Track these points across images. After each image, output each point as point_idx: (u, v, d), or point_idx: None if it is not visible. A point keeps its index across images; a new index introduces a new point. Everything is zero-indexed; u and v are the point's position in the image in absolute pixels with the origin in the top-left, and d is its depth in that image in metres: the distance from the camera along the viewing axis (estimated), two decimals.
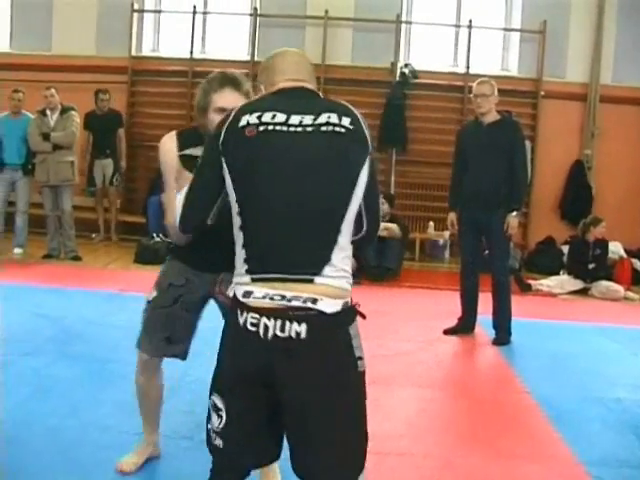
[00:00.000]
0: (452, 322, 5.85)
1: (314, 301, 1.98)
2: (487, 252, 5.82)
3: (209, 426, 2.14)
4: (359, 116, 2.16)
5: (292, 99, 2.17)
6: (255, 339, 1.99)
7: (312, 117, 2.10)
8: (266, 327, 1.97)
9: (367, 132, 2.15)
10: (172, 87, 10.27)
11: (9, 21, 10.52)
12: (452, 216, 5.94)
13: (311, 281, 1.99)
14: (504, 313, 5.66)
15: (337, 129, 2.08)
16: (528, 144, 9.01)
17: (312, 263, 2.02)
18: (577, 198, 9.90)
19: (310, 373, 2.00)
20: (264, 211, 2.04)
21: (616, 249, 8.86)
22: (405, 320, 6.17)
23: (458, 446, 3.65)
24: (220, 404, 2.07)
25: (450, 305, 6.14)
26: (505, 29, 10.40)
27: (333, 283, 2.02)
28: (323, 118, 2.09)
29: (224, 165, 2.10)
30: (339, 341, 2.02)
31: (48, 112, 8.29)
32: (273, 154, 2.06)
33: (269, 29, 10.07)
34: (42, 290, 6.56)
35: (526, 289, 8.09)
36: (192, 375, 4.14)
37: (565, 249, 9.25)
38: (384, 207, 7.81)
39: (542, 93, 9.91)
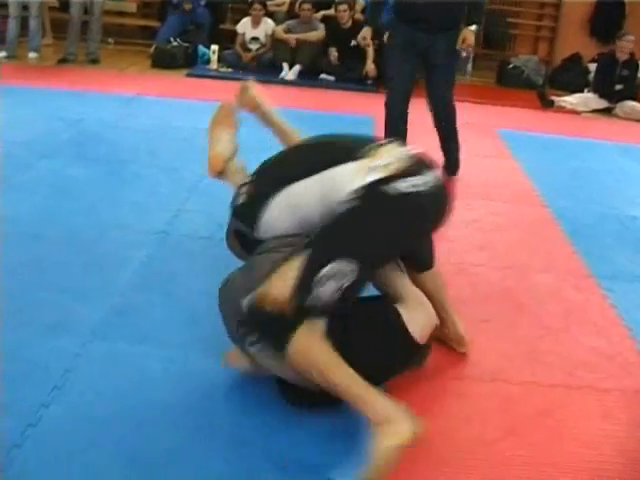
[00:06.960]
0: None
1: None
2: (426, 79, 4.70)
3: None
4: None
5: None
6: None
7: None
8: None
9: None
10: None
11: None
12: (366, 32, 4.74)
13: None
14: (455, 146, 4.86)
15: None
16: None
17: None
18: (608, 14, 9.41)
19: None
20: None
21: None
22: (425, 131, 5.85)
23: (471, 252, 3.70)
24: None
25: (470, 116, 6.05)
26: None
27: None
28: None
29: None
30: None
31: None
32: None
33: None
34: (59, 93, 6.47)
35: (548, 105, 7.88)
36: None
37: (592, 67, 8.95)
38: None
39: None
